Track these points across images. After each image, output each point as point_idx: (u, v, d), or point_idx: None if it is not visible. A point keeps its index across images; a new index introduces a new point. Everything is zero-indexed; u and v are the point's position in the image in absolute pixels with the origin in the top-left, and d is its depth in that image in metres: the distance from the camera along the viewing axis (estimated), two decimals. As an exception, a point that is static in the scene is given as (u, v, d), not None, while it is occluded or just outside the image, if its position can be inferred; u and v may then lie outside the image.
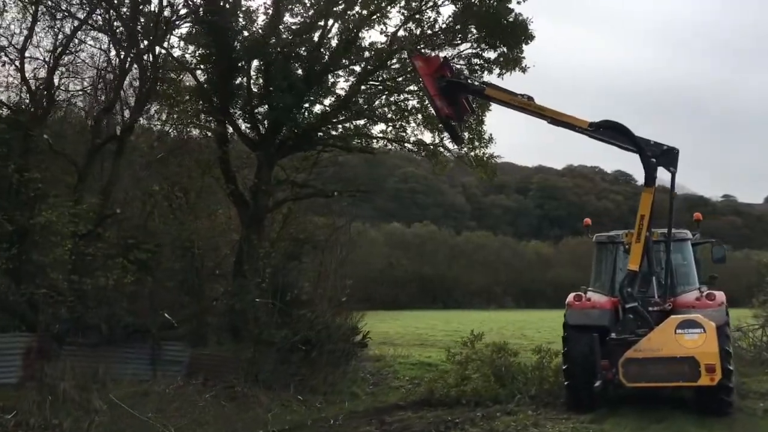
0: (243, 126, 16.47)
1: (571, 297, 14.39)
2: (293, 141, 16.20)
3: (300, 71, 15.92)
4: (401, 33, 17.30)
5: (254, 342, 14.24)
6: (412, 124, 18.77)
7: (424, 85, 14.70)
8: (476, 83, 14.71)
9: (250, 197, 15.97)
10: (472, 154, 19.10)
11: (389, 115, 18.67)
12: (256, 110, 16.13)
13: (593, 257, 15.78)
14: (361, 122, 18.65)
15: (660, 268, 13.79)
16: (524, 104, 13.85)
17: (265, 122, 16.11)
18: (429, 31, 17.18)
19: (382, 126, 19.10)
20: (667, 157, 13.10)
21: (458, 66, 16.92)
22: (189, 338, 14.85)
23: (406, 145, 19.32)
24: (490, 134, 18.90)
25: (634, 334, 12.44)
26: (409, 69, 17.33)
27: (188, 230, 15.02)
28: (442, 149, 19.12)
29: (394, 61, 17.47)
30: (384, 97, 18.66)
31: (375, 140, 19.13)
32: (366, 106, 17.73)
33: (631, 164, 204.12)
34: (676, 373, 11.65)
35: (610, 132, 13.16)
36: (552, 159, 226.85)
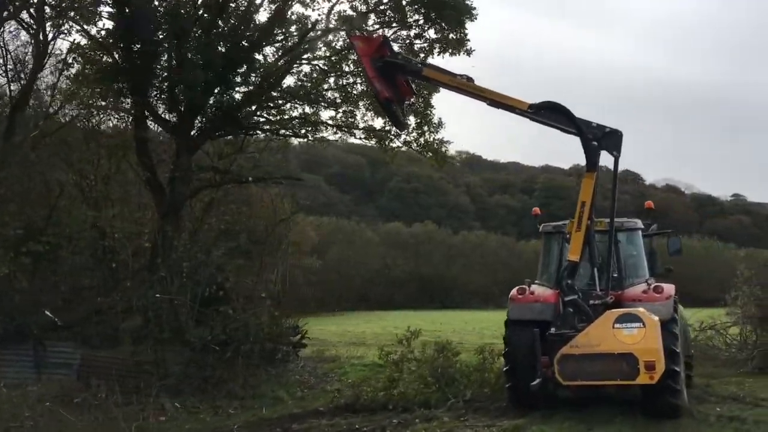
0: (161, 108, 15.10)
1: (514, 291, 13.44)
2: (212, 124, 14.90)
3: (221, 47, 14.61)
4: (338, 8, 16.01)
5: (157, 342, 13.00)
6: (362, 110, 17.45)
7: (363, 66, 14.02)
8: (414, 63, 13.60)
9: (167, 185, 14.68)
10: (422, 140, 17.80)
11: (337, 101, 17.32)
12: (174, 90, 14.72)
13: (541, 248, 14.93)
14: (308, 109, 17.35)
15: (602, 259, 12.85)
16: (463, 85, 13.42)
17: (182, 104, 14.76)
18: (363, 8, 15.85)
19: (332, 113, 17.81)
20: (610, 140, 12.39)
21: (400, 48, 15.60)
22: (97, 338, 13.61)
23: (355, 132, 18.02)
24: (439, 118, 17.66)
25: (574, 329, 11.63)
26: (349, 50, 16.19)
27: (98, 220, 13.76)
28: (392, 136, 17.77)
29: (331, 39, 16.21)
30: (332, 80, 17.41)
31: (324, 127, 17.78)
32: (302, 89, 16.44)
33: (640, 163, 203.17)
34: (614, 370, 10.88)
35: (551, 114, 12.55)
36: (559, 159, 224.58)
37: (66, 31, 14.67)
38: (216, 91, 14.72)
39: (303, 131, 17.81)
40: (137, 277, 13.92)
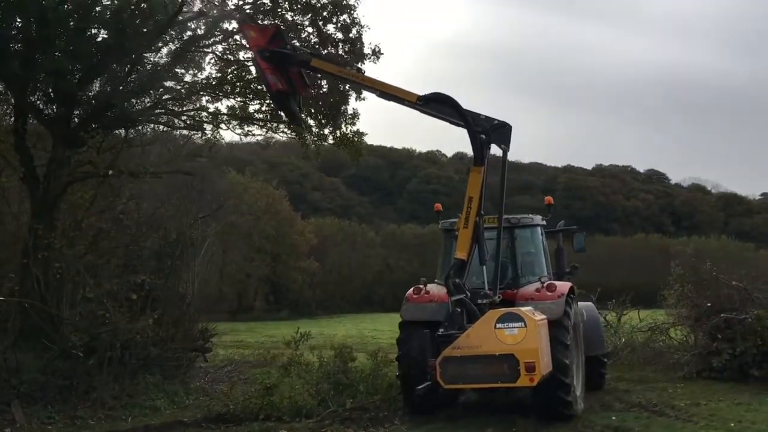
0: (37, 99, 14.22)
1: (410, 291, 12.92)
2: (90, 116, 14.04)
3: (100, 34, 13.75)
4: None
5: (7, 347, 12.18)
6: (259, 101, 16.48)
7: (255, 58, 13.46)
8: (302, 53, 12.92)
9: (42, 181, 13.89)
10: (338, 132, 16.83)
11: (237, 90, 16.41)
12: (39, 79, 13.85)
13: (441, 246, 14.13)
14: (204, 99, 16.47)
15: (488, 256, 12.15)
16: (352, 76, 13.43)
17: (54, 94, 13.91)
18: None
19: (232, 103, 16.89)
20: (499, 133, 12.19)
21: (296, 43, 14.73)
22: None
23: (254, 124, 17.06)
24: (354, 109, 16.67)
25: (462, 329, 11.02)
26: (237, 39, 15.43)
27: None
28: (307, 132, 16.80)
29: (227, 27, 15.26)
30: (230, 70, 16.50)
31: (225, 119, 16.85)
32: (188, 79, 15.57)
33: (665, 162, 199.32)
34: (495, 372, 10.42)
35: (439, 106, 12.23)
36: (581, 159, 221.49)
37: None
38: (95, 81, 13.94)
39: (202, 125, 16.94)
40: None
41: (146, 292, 14.44)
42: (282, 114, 15.29)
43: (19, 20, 12.77)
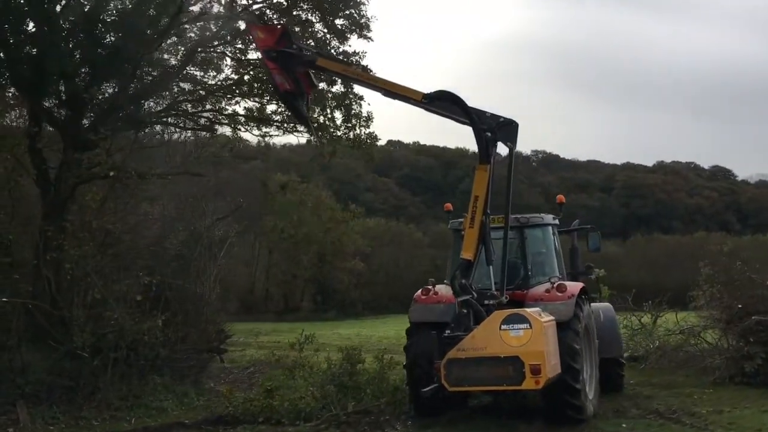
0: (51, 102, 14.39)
1: (418, 292, 12.66)
2: (100, 119, 14.12)
3: (110, 36, 13.82)
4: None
5: (11, 348, 12.33)
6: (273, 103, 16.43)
7: (263, 59, 13.43)
8: (308, 53, 12.86)
9: (53, 183, 14.07)
10: (352, 134, 16.63)
11: (254, 91, 16.37)
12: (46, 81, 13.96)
13: (451, 247, 13.80)
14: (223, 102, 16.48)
15: (496, 256, 11.81)
16: (358, 75, 13.61)
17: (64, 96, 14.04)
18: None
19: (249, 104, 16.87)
20: (505, 130, 11.91)
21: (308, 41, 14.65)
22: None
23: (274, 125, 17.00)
24: (369, 111, 16.48)
25: (469, 330, 10.75)
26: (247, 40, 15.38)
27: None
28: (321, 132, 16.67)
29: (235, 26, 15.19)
30: (247, 71, 16.46)
31: (242, 120, 16.84)
32: (202, 81, 15.55)
33: (728, 158, 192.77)
34: (500, 375, 10.16)
35: (445, 104, 12.03)
36: (642, 156, 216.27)
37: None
38: (105, 84, 14.03)
39: (213, 126, 16.97)
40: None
41: (156, 294, 14.41)
42: (290, 113, 15.14)
43: (30, 26, 12.91)
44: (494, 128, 11.77)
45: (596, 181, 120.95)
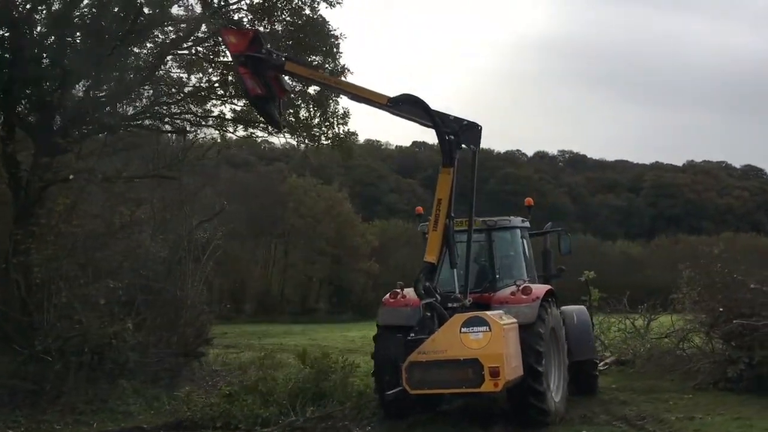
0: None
1: (387, 295, 12.87)
2: (70, 122, 14.13)
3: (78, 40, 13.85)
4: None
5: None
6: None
7: (234, 63, 13.43)
8: (276, 57, 12.79)
9: (23, 187, 14.12)
10: (330, 132, 16.50)
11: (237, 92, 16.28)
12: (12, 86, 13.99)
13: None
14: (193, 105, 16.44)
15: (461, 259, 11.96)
16: (324, 79, 13.78)
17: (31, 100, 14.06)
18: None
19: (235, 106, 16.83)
20: (469, 133, 12.01)
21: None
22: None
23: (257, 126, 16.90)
24: (345, 109, 16.34)
25: (432, 333, 10.76)
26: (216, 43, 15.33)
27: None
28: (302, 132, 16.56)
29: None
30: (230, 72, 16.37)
31: (227, 122, 16.80)
32: (180, 83, 15.49)
33: (762, 157, 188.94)
34: (460, 378, 10.26)
35: (409, 107, 12.04)
36: (671, 155, 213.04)
37: None
38: (75, 88, 14.05)
39: (195, 127, 16.95)
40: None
41: (129, 298, 14.39)
42: (261, 117, 15.05)
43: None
44: (458, 131, 11.80)
45: (624, 181, 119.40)
